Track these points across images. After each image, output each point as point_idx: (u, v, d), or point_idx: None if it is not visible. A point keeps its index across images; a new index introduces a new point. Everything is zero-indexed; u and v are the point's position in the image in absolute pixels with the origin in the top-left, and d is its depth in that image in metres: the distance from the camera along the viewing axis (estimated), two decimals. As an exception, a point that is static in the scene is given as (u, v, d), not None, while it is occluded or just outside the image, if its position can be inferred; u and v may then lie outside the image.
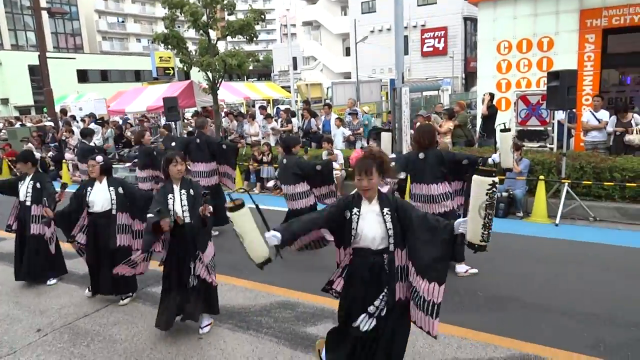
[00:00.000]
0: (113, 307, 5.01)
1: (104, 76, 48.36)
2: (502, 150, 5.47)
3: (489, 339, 4.05)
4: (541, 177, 8.01)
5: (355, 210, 3.08)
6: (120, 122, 17.45)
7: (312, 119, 12.89)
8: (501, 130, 5.71)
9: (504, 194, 8.28)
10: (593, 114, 9.59)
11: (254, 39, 13.14)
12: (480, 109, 11.54)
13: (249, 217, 3.04)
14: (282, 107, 17.70)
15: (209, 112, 15.22)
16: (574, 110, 9.78)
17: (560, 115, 9.00)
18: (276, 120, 14.24)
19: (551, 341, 3.97)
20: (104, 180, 5.01)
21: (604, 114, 9.52)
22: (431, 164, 5.32)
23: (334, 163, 7.41)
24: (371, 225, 3.07)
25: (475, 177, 2.69)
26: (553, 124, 9.39)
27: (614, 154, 8.81)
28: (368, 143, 10.79)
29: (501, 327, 4.23)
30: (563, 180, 7.84)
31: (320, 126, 12.97)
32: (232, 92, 22.06)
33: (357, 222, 3.07)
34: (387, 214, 3.05)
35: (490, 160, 5.19)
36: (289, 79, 23.17)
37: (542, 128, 9.72)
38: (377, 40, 37.96)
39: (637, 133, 8.80)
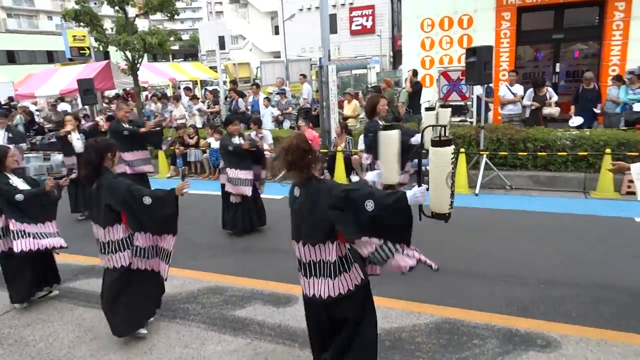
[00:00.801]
0: (25, 308, 4.67)
1: (11, 57, 44.55)
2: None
3: (413, 307, 4.20)
4: (462, 149, 8.34)
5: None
6: (33, 107, 16.22)
7: (240, 99, 12.62)
8: (426, 109, 5.84)
9: (427, 168, 8.54)
10: (509, 89, 10.07)
11: (175, 16, 12.58)
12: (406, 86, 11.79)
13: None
14: (210, 89, 17.21)
15: (130, 95, 14.50)
16: (491, 85, 10.23)
17: (478, 90, 9.36)
18: (203, 102, 13.82)
19: (471, 304, 4.17)
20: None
21: (518, 88, 10.02)
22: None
23: (264, 144, 7.26)
24: None
25: (438, 149, 2.66)
26: (472, 98, 9.77)
27: (528, 126, 9.33)
28: (297, 122, 10.74)
29: (425, 295, 4.39)
30: (482, 152, 8.21)
31: (249, 106, 12.73)
32: (155, 74, 21.15)
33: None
34: None
35: (413, 140, 5.29)
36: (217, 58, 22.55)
37: (462, 103, 10.10)
38: (306, 19, 37.64)
39: (554, 105, 9.37)
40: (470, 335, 3.70)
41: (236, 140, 6.41)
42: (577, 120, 9.43)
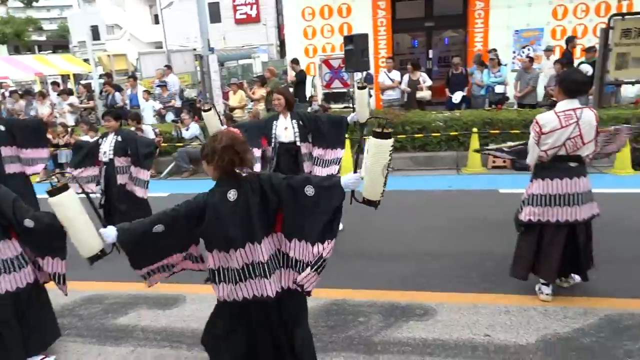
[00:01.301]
0: None
1: None
2: (359, 106, 5.61)
3: (303, 293, 4.25)
4: (346, 135, 8.59)
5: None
6: None
7: (117, 93, 11.84)
8: (359, 88, 5.88)
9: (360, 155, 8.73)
10: (387, 75, 10.56)
11: (34, 2, 11.38)
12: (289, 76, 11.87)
13: (74, 201, 2.68)
14: (84, 83, 15.94)
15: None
16: (370, 71, 10.65)
17: (358, 76, 9.69)
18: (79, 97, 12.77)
19: (356, 283, 4.34)
20: None
21: (396, 74, 10.54)
22: None
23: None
24: None
25: (378, 140, 2.67)
26: (354, 85, 10.09)
27: (406, 109, 9.87)
28: (180, 115, 10.33)
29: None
30: (365, 137, 8.52)
31: (127, 101, 11.99)
32: (18, 67, 19.10)
33: None
34: None
35: (349, 119, 5.39)
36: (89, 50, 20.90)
37: (344, 90, 10.39)
38: (187, 7, 36.20)
39: (425, 89, 9.99)
40: (356, 313, 3.85)
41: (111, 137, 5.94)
42: (458, 96, 10.18)
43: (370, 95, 11.12)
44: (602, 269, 4.00)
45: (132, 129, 9.72)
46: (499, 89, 10.13)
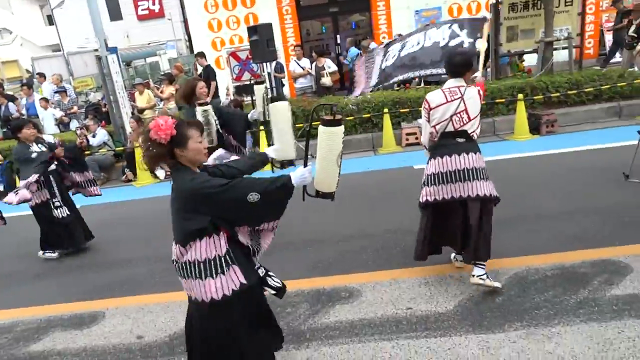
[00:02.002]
0: None
1: None
2: (257, 102, 5.44)
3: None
4: (261, 127, 8.52)
5: None
6: None
7: (10, 103, 10.93)
8: (255, 83, 5.73)
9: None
10: (297, 63, 10.56)
11: None
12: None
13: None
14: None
15: None
16: (280, 61, 10.60)
17: (268, 67, 9.61)
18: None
19: (283, 274, 4.32)
20: None
21: (306, 62, 10.58)
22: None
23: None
24: None
25: (330, 128, 2.53)
26: (264, 76, 9.99)
27: (319, 96, 9.96)
28: (85, 120, 9.75)
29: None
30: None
31: (24, 110, 11.11)
32: None
33: None
34: None
35: (249, 116, 5.24)
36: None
37: (255, 81, 10.25)
38: (81, 5, 34.04)
39: (327, 76, 10.10)
40: (283, 305, 3.84)
41: (35, 147, 5.40)
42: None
43: (282, 85, 11.13)
44: (510, 230, 4.28)
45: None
46: (406, 69, 10.45)
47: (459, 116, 3.60)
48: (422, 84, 10.31)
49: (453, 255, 4.10)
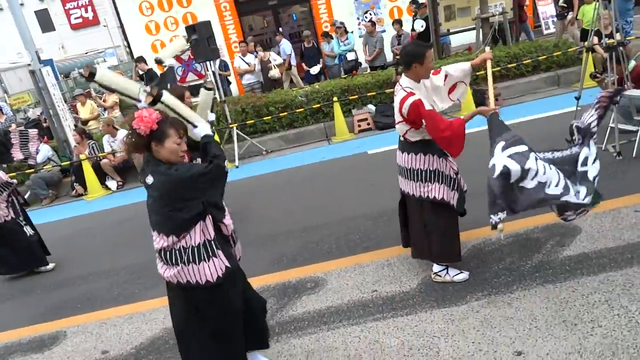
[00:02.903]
0: None
1: None
2: (199, 108, 5.22)
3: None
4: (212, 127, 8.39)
5: None
6: None
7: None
8: (206, 88, 5.55)
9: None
10: (242, 59, 10.44)
11: None
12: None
13: None
14: None
15: None
16: (224, 58, 10.44)
17: (212, 65, 9.45)
18: None
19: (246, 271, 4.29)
20: None
21: (251, 58, 10.46)
22: None
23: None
24: None
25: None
26: (209, 75, 9.82)
27: (267, 91, 9.88)
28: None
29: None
30: (231, 125, 8.40)
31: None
32: None
33: None
34: None
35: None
36: None
37: (201, 81, 10.07)
38: (8, 18, 32.37)
39: (275, 68, 10.05)
40: (250, 303, 3.82)
41: None
42: (316, 69, 10.38)
43: (229, 83, 10.97)
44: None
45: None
46: (350, 56, 10.54)
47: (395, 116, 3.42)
48: (369, 70, 10.39)
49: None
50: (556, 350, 2.68)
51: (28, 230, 5.35)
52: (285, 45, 10.87)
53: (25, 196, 8.78)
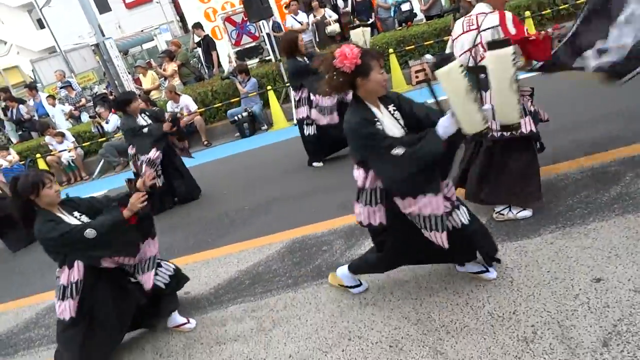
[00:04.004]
0: None
1: None
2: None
3: (263, 241, 4.30)
4: (269, 87, 8.49)
5: (375, 119, 2.49)
6: None
7: (20, 106, 11.05)
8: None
9: (244, 114, 8.57)
10: (294, 18, 10.37)
11: None
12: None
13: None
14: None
15: None
16: (276, 19, 10.43)
17: (266, 27, 9.48)
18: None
19: (312, 219, 4.40)
20: None
21: (303, 16, 10.38)
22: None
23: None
24: (392, 129, 2.54)
25: (495, 52, 2.37)
26: (263, 36, 9.87)
27: (322, 49, 9.80)
28: (95, 108, 9.81)
29: (270, 228, 4.56)
30: (287, 84, 8.45)
31: (33, 112, 11.23)
32: None
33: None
34: (394, 110, 2.62)
35: None
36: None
37: (255, 43, 10.16)
38: (69, 2, 33.70)
39: (333, 23, 9.93)
40: (319, 244, 3.93)
41: (141, 119, 5.57)
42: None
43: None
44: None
45: (49, 137, 9.21)
46: (405, 6, 10.20)
47: (476, 50, 3.23)
48: (424, 20, 10.06)
49: None
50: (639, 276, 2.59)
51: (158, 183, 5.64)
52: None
53: (100, 165, 9.35)
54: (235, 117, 8.54)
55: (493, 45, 2.32)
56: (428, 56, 8.52)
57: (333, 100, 5.30)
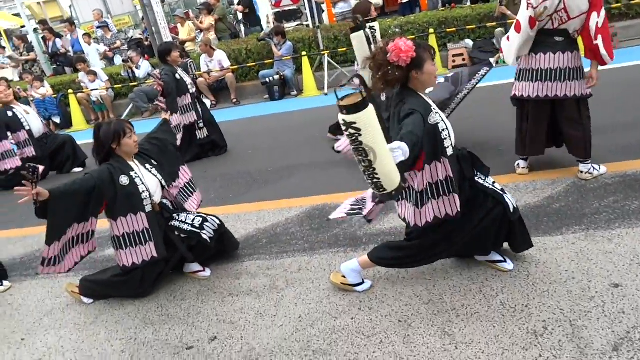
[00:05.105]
0: None
1: None
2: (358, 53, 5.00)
3: (283, 204, 4.34)
4: (303, 53, 8.41)
5: (434, 110, 2.51)
6: None
7: (57, 39, 11.14)
8: (352, 30, 5.38)
9: (276, 77, 8.53)
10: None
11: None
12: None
13: (375, 118, 2.00)
14: (19, 36, 14.87)
15: None
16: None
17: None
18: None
19: (334, 189, 4.43)
20: None
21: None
22: None
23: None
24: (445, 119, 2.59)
25: (354, 116, 2.00)
26: (304, 1, 9.74)
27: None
28: (128, 52, 9.84)
29: (291, 191, 4.61)
30: (323, 52, 8.37)
31: (69, 47, 11.32)
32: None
33: (443, 122, 2.54)
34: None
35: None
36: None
37: (295, 7, 10.02)
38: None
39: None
40: (338, 214, 3.95)
41: (180, 71, 5.71)
42: None
43: (322, 10, 10.81)
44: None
45: (82, 73, 9.31)
46: (453, -13, 9.96)
47: (559, 15, 3.44)
48: (469, 2, 9.80)
49: (517, 162, 4.06)
50: (660, 286, 2.57)
51: (202, 134, 5.96)
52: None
53: (128, 109, 9.44)
54: (267, 79, 8.51)
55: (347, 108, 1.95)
56: (468, 41, 8.35)
57: None
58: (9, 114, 6.16)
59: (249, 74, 9.35)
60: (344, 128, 1.98)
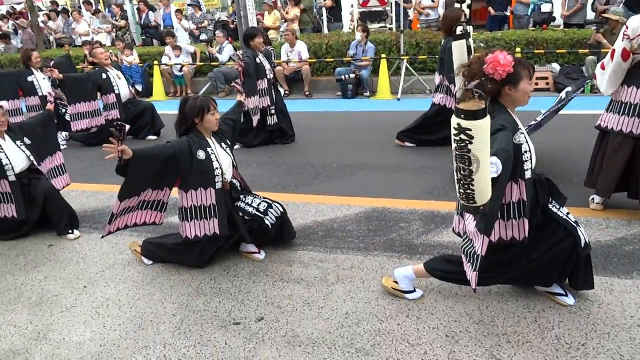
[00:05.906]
0: None
1: None
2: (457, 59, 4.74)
3: (343, 200, 4.37)
4: (383, 55, 8.38)
5: (519, 130, 2.42)
6: None
7: (150, 12, 11.72)
8: (454, 38, 5.26)
9: (351, 75, 8.57)
10: (427, -7, 10.08)
11: None
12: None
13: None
14: (117, 2, 15.76)
15: (21, 13, 12.98)
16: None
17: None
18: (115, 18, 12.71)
19: (396, 194, 4.41)
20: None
21: (436, -7, 10.05)
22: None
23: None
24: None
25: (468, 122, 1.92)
26: (391, 4, 9.71)
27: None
28: (214, 33, 10.19)
29: (352, 189, 4.63)
30: (402, 57, 8.31)
31: (160, 20, 11.87)
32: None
33: (527, 143, 2.45)
34: None
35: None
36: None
37: (381, 8, 10.00)
38: None
39: (465, 7, 9.53)
40: (397, 219, 3.94)
41: (260, 57, 5.89)
42: None
43: (407, 16, 10.71)
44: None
45: (169, 47, 9.72)
46: (545, 7, 9.60)
47: None
48: (562, 26, 9.40)
49: (591, 197, 3.89)
50: None
51: (272, 120, 6.14)
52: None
53: (206, 86, 9.79)
54: (342, 77, 8.56)
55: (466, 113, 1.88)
56: (555, 65, 8.02)
57: None
58: (104, 76, 6.55)
59: (325, 69, 9.44)
60: (454, 132, 1.88)
